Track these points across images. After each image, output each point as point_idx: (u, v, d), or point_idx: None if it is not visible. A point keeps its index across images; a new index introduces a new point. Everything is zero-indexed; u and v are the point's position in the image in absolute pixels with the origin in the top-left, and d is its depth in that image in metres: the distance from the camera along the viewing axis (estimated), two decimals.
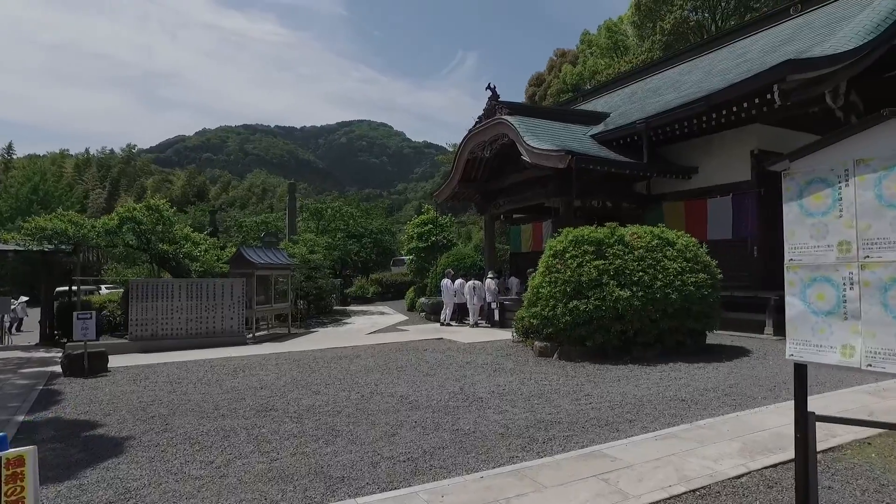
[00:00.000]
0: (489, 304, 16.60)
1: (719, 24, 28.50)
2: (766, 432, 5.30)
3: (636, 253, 9.35)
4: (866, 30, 12.44)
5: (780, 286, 10.81)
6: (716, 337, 10.90)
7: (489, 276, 16.94)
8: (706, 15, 28.68)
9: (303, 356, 10.98)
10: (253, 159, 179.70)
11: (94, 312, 9.06)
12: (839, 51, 11.73)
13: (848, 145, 2.47)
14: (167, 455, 4.89)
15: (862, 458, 4.66)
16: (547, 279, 9.85)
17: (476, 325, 16.67)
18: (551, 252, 10.17)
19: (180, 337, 12.91)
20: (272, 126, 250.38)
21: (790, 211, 2.72)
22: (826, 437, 5.19)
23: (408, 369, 9.10)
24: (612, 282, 9.07)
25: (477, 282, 16.90)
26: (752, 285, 13.06)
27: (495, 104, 15.99)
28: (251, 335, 14.54)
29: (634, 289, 8.93)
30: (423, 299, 19.62)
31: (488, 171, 18.02)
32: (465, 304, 17.09)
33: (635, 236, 9.72)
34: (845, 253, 2.44)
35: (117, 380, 8.57)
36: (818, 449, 4.95)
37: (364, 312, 23.33)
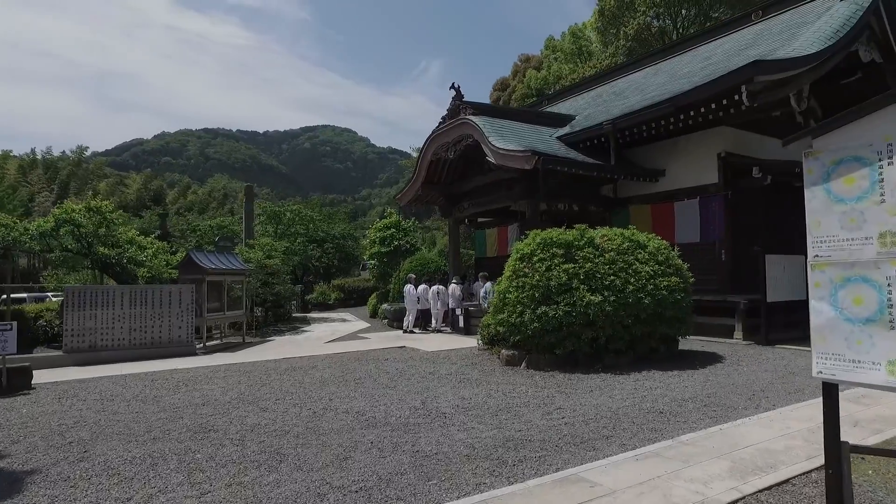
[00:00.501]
0: (453, 310, 16.10)
1: (680, 31, 28.81)
2: (754, 448, 4.89)
3: (607, 256, 8.95)
4: (826, 35, 12.46)
5: (748, 290, 10.55)
6: (686, 342, 10.60)
7: (453, 281, 16.43)
8: (668, 22, 28.95)
9: (254, 367, 10.23)
10: (214, 164, 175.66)
11: (14, 323, 8.13)
12: (803, 54, 11.69)
13: (891, 115, 2.02)
14: (76, 492, 4.16)
15: (859, 477, 4.27)
16: (514, 284, 9.37)
17: (439, 331, 16.14)
18: (518, 255, 9.70)
19: (123, 348, 11.95)
20: (234, 130, 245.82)
21: (814, 197, 2.25)
22: (816, 451, 4.81)
23: (366, 381, 8.47)
24: (582, 286, 8.64)
25: (440, 287, 16.38)
26: (720, 289, 12.88)
27: (459, 104, 15.53)
28: (202, 345, 13.65)
29: (606, 293, 8.52)
30: (385, 305, 18.95)
31: (452, 173, 17.54)
32: (428, 310, 16.54)
33: (606, 239, 9.33)
34: (890, 246, 1.99)
35: (39, 398, 7.67)
36: (810, 467, 4.58)
37: (325, 319, 22.52)
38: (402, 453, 4.94)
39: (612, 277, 8.65)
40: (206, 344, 13.96)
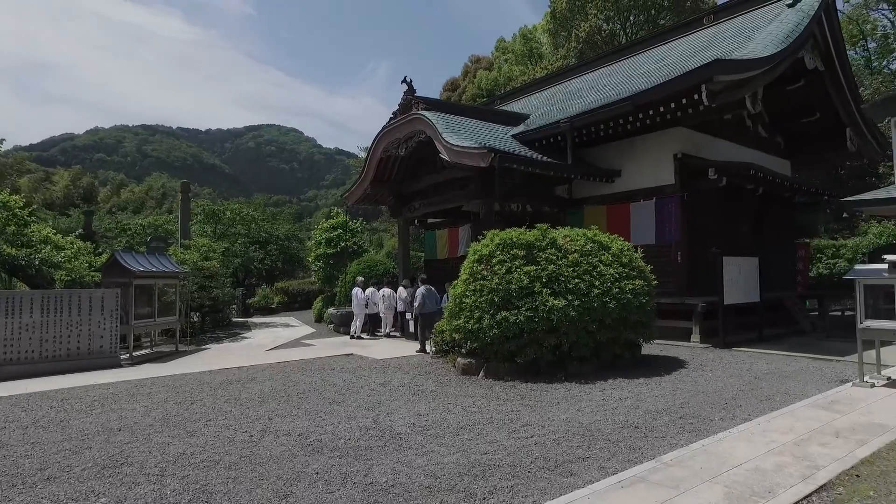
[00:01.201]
0: (403, 314, 15.39)
1: (630, 35, 29.14)
2: (743, 468, 4.44)
3: (570, 257, 8.47)
4: (779, 39, 12.51)
5: (704, 292, 10.33)
6: (645, 347, 10.28)
7: (403, 284, 15.73)
8: (617, 25, 29.21)
9: (185, 381, 9.21)
10: (153, 162, 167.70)
11: None
12: (760, 55, 11.64)
13: None
14: None
15: (862, 499, 3.87)
16: (471, 287, 8.76)
17: (389, 336, 15.43)
18: (476, 257, 9.10)
19: (32, 361, 10.63)
20: (174, 127, 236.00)
21: None
22: (809, 469, 4.41)
23: (311, 396, 7.66)
24: (545, 290, 8.12)
25: (389, 290, 15.66)
26: (677, 292, 12.71)
27: (411, 99, 14.85)
28: (128, 356, 12.40)
29: (570, 297, 8.03)
30: (331, 310, 18.03)
31: (403, 171, 16.84)
32: (377, 314, 15.80)
33: (568, 239, 8.86)
34: None
35: None
36: (808, 489, 4.15)
37: (267, 325, 21.35)
38: (353, 486, 4.24)
39: (576, 280, 8.17)
40: (134, 354, 12.73)
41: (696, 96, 11.28)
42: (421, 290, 12.55)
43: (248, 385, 8.63)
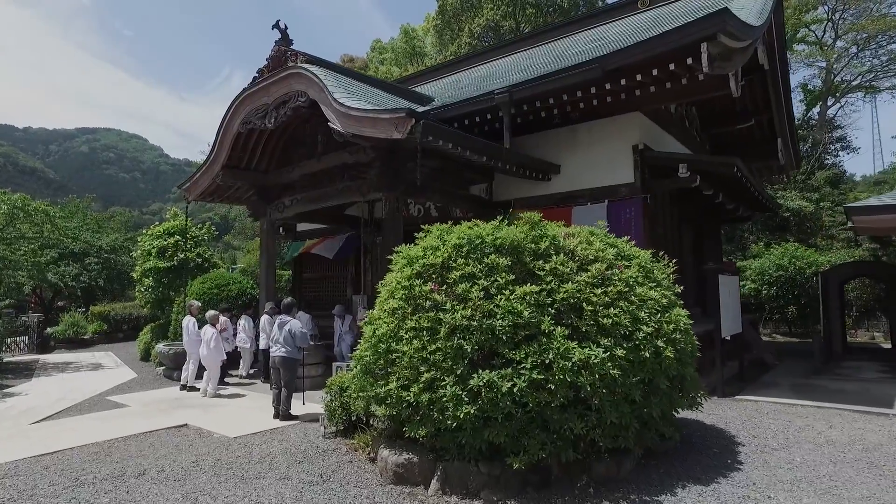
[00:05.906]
0: (265, 351, 10.80)
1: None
2: None
3: (592, 270, 4.84)
4: (754, 14, 10.16)
5: None
6: None
7: (267, 310, 11.23)
8: (512, 24, 27.04)
9: None
10: None
11: None
12: (753, 24, 9.20)
13: None
14: None
15: None
16: (410, 324, 4.82)
17: (248, 378, 10.81)
18: (416, 269, 5.17)
19: None
20: None
21: None
22: None
23: None
24: (558, 328, 4.42)
25: (247, 318, 11.09)
26: None
27: (286, 51, 10.59)
28: None
29: (606, 341, 4.39)
30: (161, 346, 12.75)
31: (269, 156, 12.33)
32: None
33: (577, 241, 5.28)
34: None
35: None
36: None
37: (66, 366, 15.31)
38: None
39: (611, 311, 4.55)
40: None
41: (689, 61, 8.47)
42: (269, 320, 8.41)
43: None
